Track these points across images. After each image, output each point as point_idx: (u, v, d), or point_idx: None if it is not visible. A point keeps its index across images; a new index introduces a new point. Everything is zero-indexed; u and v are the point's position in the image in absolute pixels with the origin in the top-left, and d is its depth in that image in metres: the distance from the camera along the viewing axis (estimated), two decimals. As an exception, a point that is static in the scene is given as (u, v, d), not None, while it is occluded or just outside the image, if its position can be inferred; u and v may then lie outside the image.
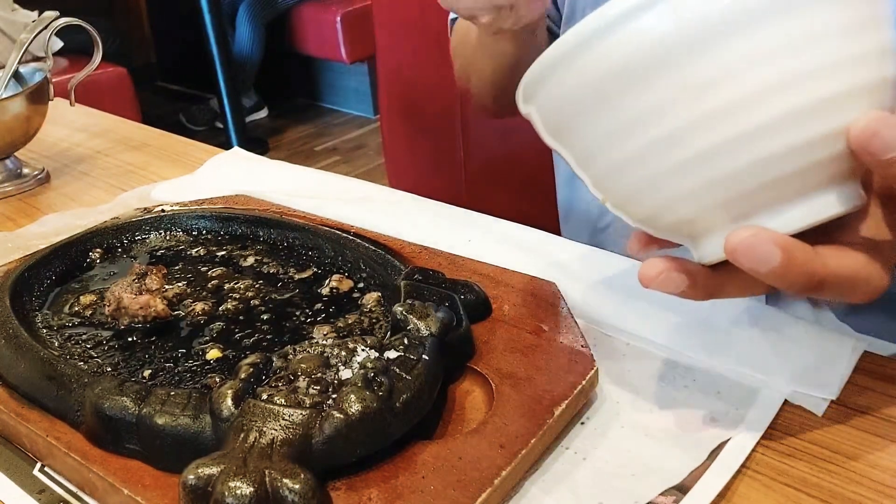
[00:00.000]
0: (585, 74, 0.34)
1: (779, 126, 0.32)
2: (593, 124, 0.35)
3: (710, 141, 0.32)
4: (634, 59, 0.32)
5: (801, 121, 0.32)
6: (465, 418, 0.43)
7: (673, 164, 0.34)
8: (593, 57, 0.33)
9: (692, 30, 0.31)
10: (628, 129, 0.34)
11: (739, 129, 0.32)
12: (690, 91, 0.32)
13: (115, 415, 0.40)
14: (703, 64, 0.31)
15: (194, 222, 0.65)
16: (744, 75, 0.31)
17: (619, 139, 0.34)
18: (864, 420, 0.42)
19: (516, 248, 0.61)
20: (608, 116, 0.34)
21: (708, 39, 0.31)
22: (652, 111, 0.33)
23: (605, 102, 0.34)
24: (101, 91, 2.23)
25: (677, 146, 0.33)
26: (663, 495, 0.38)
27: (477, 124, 1.35)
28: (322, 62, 3.44)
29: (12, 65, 0.84)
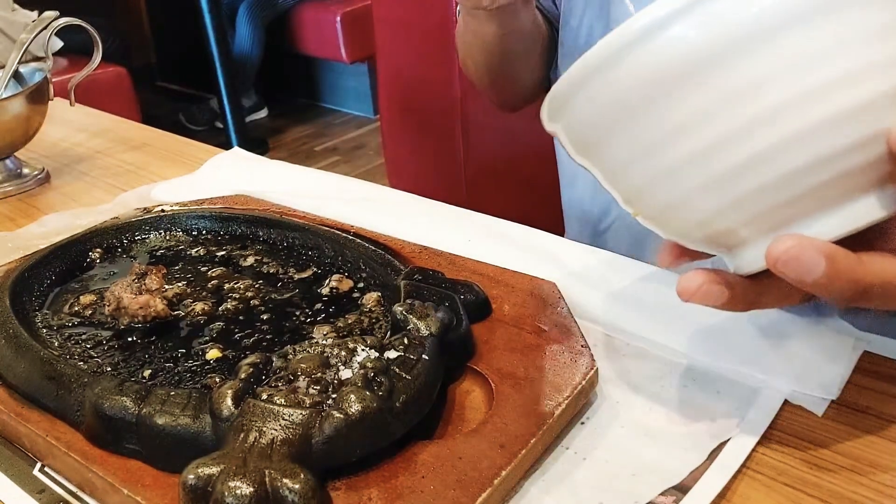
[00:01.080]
0: (614, 88, 0.33)
1: (817, 133, 0.31)
2: (624, 139, 0.34)
3: (748, 152, 0.32)
4: (666, 71, 0.31)
5: (840, 126, 0.31)
6: (465, 418, 0.43)
7: (709, 177, 0.33)
8: (623, 70, 0.32)
9: (725, 39, 0.30)
10: (661, 143, 0.33)
11: (777, 138, 0.31)
12: (725, 101, 0.31)
13: (115, 415, 0.40)
14: (738, 73, 0.31)
15: (194, 222, 0.65)
16: (779, 83, 0.31)
17: (651, 154, 0.34)
18: (864, 420, 0.42)
19: (516, 248, 0.61)
20: (639, 131, 0.33)
21: (741, 48, 0.30)
22: (685, 124, 0.32)
23: (636, 116, 0.33)
24: (101, 91, 2.23)
25: (713, 158, 0.32)
26: (663, 495, 0.38)
27: (477, 124, 1.35)
28: (322, 62, 3.44)
29: (12, 65, 0.84)
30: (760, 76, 0.31)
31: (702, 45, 0.31)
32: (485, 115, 1.32)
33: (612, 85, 0.33)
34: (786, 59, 0.31)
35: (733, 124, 0.31)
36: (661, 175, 0.34)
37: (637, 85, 0.32)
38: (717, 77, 0.31)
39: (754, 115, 0.31)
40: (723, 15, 0.30)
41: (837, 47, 0.31)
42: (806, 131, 0.31)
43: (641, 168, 0.34)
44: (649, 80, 0.32)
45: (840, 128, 0.31)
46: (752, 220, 0.34)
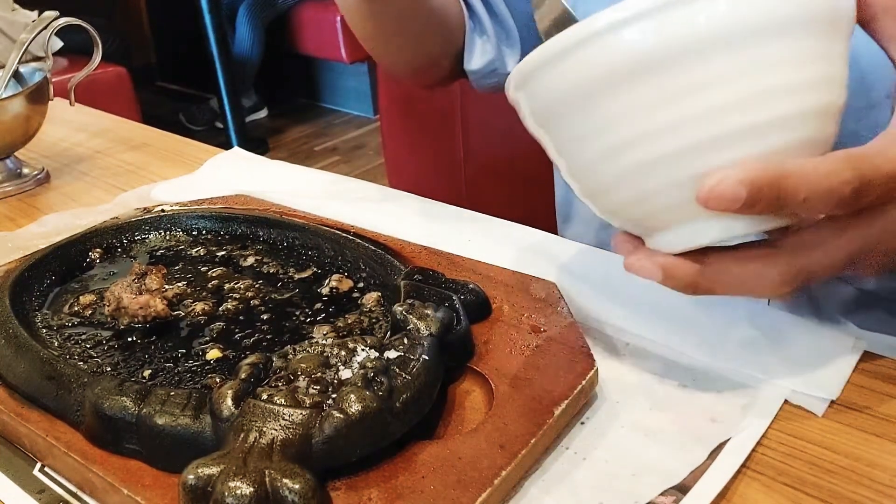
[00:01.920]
0: (572, 74, 0.36)
1: (700, 149, 0.35)
2: (574, 120, 0.37)
3: (659, 152, 0.36)
4: (614, 67, 0.35)
5: (719, 147, 0.35)
6: (465, 418, 0.43)
7: (631, 166, 0.37)
8: (579, 60, 0.35)
9: (666, 48, 0.34)
10: (602, 128, 0.37)
11: (677, 145, 0.35)
12: (645, 106, 0.35)
13: (115, 415, 0.40)
14: (670, 79, 0.34)
15: (194, 222, 0.65)
16: (694, 97, 0.35)
17: (594, 136, 0.37)
18: (864, 420, 0.42)
19: (516, 248, 0.61)
20: (585, 115, 0.37)
21: (679, 58, 0.34)
22: (621, 116, 0.36)
23: (586, 101, 0.36)
24: (101, 91, 2.23)
25: (635, 150, 0.36)
26: (663, 495, 0.38)
27: (477, 124, 1.35)
28: (322, 62, 3.45)
29: (12, 65, 0.84)
30: (684, 87, 0.34)
31: (646, 50, 0.34)
32: (485, 115, 1.32)
33: (569, 70, 0.36)
34: (700, 79, 0.34)
35: (648, 126, 0.36)
36: (597, 158, 0.38)
37: (588, 75, 0.36)
38: (649, 81, 0.35)
39: (665, 122, 0.35)
40: (669, 28, 0.34)
41: (747, 71, 0.34)
42: (694, 146, 0.35)
43: (584, 149, 0.38)
44: (599, 73, 0.35)
45: (719, 148, 0.35)
46: (655, 214, 0.39)
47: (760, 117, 0.35)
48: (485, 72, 0.75)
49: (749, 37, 0.34)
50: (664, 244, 0.40)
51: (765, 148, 0.36)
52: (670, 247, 0.40)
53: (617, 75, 0.35)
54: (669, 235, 0.39)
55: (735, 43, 0.34)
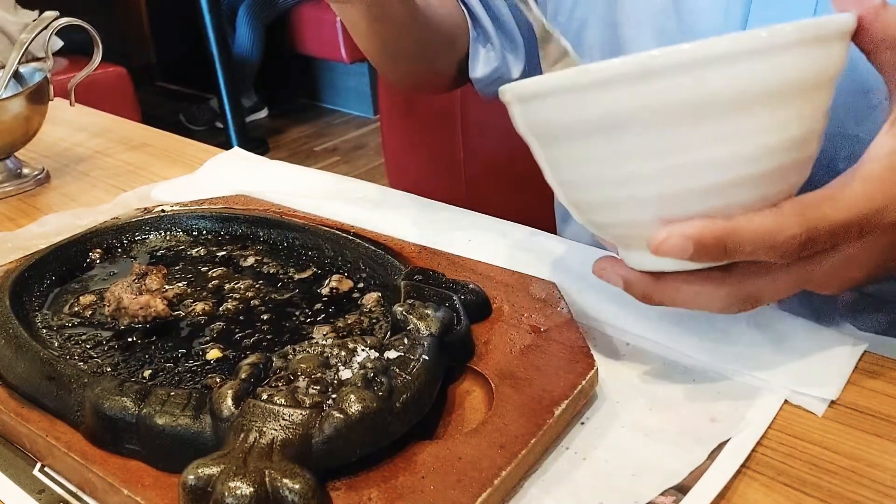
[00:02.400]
0: (570, 110, 0.38)
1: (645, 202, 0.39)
2: (564, 145, 0.40)
3: (632, 194, 0.39)
4: (606, 116, 0.37)
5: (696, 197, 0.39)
6: (465, 418, 0.43)
7: (606, 198, 0.40)
8: (580, 100, 0.37)
9: (654, 110, 0.36)
10: (585, 160, 0.40)
11: (648, 193, 0.39)
12: (629, 154, 0.38)
13: (115, 415, 0.40)
14: (651, 136, 0.37)
15: (194, 222, 0.65)
16: (667, 155, 0.37)
17: (579, 163, 0.40)
18: (864, 420, 0.42)
19: (516, 248, 0.61)
20: (577, 145, 0.39)
21: (662, 120, 0.36)
22: (603, 156, 0.39)
23: (579, 135, 0.39)
24: (101, 91, 2.23)
25: (611, 187, 0.40)
26: (663, 495, 0.38)
27: (477, 124, 1.35)
28: (322, 62, 3.44)
29: (12, 65, 0.84)
30: (653, 147, 0.37)
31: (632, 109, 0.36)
32: (485, 115, 1.32)
33: (570, 106, 0.38)
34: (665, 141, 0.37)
35: (624, 171, 0.39)
36: (578, 181, 0.42)
37: (586, 115, 0.38)
38: (633, 136, 0.37)
39: (640, 172, 0.38)
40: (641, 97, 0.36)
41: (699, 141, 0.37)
42: (660, 196, 0.39)
43: (569, 169, 0.41)
44: (591, 116, 0.38)
45: (683, 201, 0.39)
46: (629, 237, 0.42)
47: (726, 178, 0.37)
48: (489, 80, 0.76)
49: (723, 109, 0.36)
50: (629, 260, 0.44)
51: (728, 202, 0.38)
52: (634, 264, 0.43)
53: (607, 123, 0.37)
54: (634, 256, 0.43)
55: (708, 114, 0.36)
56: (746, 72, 0.35)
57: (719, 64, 0.35)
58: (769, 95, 0.36)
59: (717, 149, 0.37)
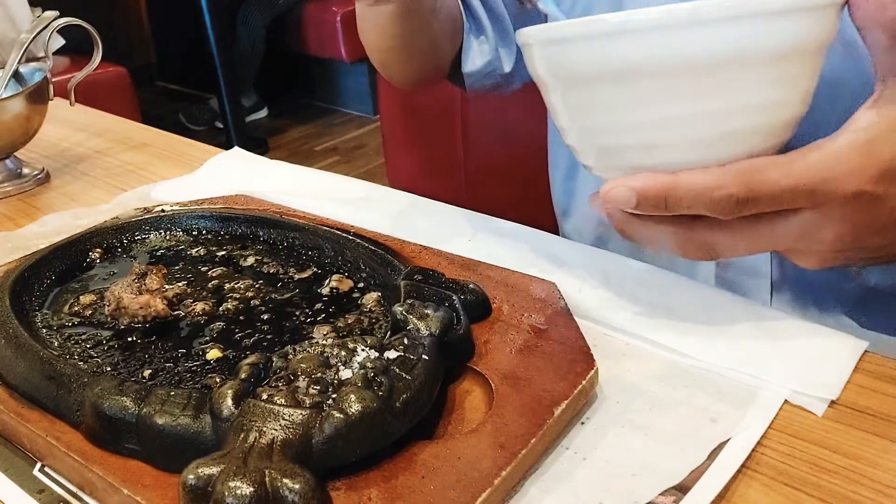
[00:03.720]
0: (595, 55, 0.41)
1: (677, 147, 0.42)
2: (583, 90, 0.43)
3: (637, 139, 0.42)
4: (628, 64, 0.40)
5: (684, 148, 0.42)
6: (465, 418, 0.43)
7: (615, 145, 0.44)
8: (603, 47, 0.40)
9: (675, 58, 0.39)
10: (599, 106, 0.43)
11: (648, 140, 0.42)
12: (641, 101, 0.41)
13: (115, 415, 0.40)
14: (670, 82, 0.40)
15: (194, 222, 0.65)
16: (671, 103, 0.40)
17: (608, 108, 0.43)
18: (864, 420, 0.42)
19: (516, 248, 0.61)
20: (591, 90, 0.42)
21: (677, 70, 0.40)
22: (617, 103, 0.42)
23: (595, 81, 0.42)
24: (101, 91, 2.23)
25: (615, 135, 0.43)
26: (663, 495, 0.38)
27: (477, 124, 1.35)
28: (322, 62, 3.44)
29: (12, 65, 0.84)
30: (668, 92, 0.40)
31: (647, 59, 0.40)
32: (485, 115, 1.32)
33: (594, 52, 0.41)
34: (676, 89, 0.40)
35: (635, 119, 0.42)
36: (613, 128, 0.44)
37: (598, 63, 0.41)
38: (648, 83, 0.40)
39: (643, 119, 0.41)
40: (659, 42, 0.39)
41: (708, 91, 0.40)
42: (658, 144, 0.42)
43: (584, 110, 0.44)
44: (609, 64, 0.41)
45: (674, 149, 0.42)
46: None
47: (721, 128, 0.41)
48: (483, 73, 0.75)
49: (718, 65, 0.39)
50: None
51: (718, 154, 0.41)
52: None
53: (652, 67, 0.40)
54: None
55: (706, 69, 0.39)
56: (752, 31, 0.38)
57: (729, 22, 0.38)
58: (771, 53, 0.39)
59: (717, 99, 0.40)
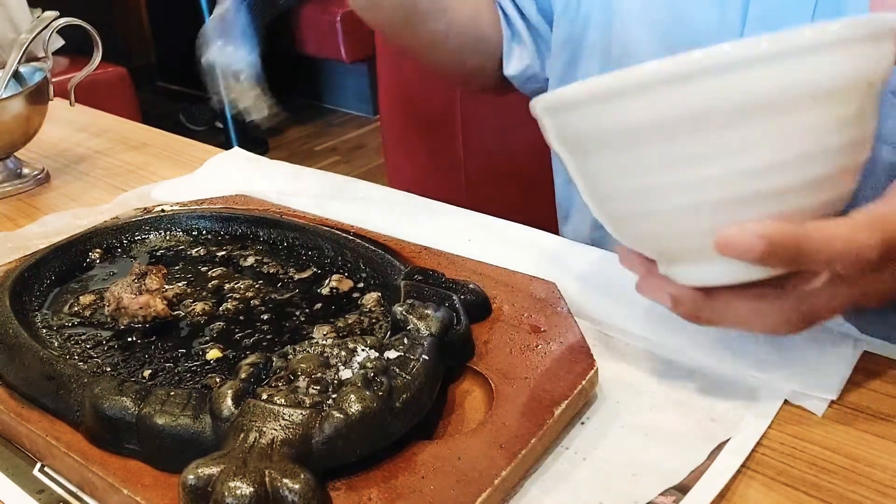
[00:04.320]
0: (613, 116, 0.36)
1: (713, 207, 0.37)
2: (606, 155, 0.38)
3: (689, 201, 0.37)
4: (659, 120, 0.35)
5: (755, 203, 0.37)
6: (465, 418, 0.43)
7: (657, 208, 0.38)
8: (624, 106, 0.36)
9: (708, 109, 0.34)
10: (634, 170, 0.37)
11: (707, 198, 0.37)
12: (686, 159, 0.36)
13: (115, 415, 0.40)
14: (706, 139, 0.35)
15: (194, 222, 0.65)
16: (726, 158, 0.35)
17: (624, 174, 0.38)
18: (864, 420, 0.42)
19: (516, 248, 0.61)
20: (621, 154, 0.37)
21: (718, 121, 0.35)
22: (656, 163, 0.37)
23: (623, 143, 0.37)
24: (101, 91, 2.23)
25: (664, 196, 0.37)
26: (663, 495, 0.38)
27: (477, 124, 1.35)
28: (322, 62, 3.44)
29: (12, 65, 0.84)
30: (710, 150, 0.35)
31: (690, 110, 0.35)
32: (485, 115, 1.32)
33: (613, 113, 0.36)
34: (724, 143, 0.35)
35: (680, 178, 0.36)
36: (622, 194, 0.39)
37: (632, 121, 0.36)
38: (688, 138, 0.35)
39: (697, 177, 0.36)
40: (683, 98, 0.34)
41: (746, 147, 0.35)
42: (720, 202, 0.36)
43: (611, 182, 0.39)
44: (641, 121, 0.36)
45: (743, 207, 0.37)
46: (679, 249, 0.40)
47: (783, 183, 0.36)
48: (523, 77, 0.78)
49: (778, 108, 0.34)
50: (675, 274, 0.41)
51: (785, 207, 0.36)
52: (680, 279, 0.41)
53: (661, 128, 0.35)
54: (681, 269, 0.41)
55: (764, 113, 0.34)
56: (810, 69, 0.34)
57: (783, 61, 0.33)
58: (834, 92, 0.35)
59: (772, 150, 0.35)
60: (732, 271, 0.39)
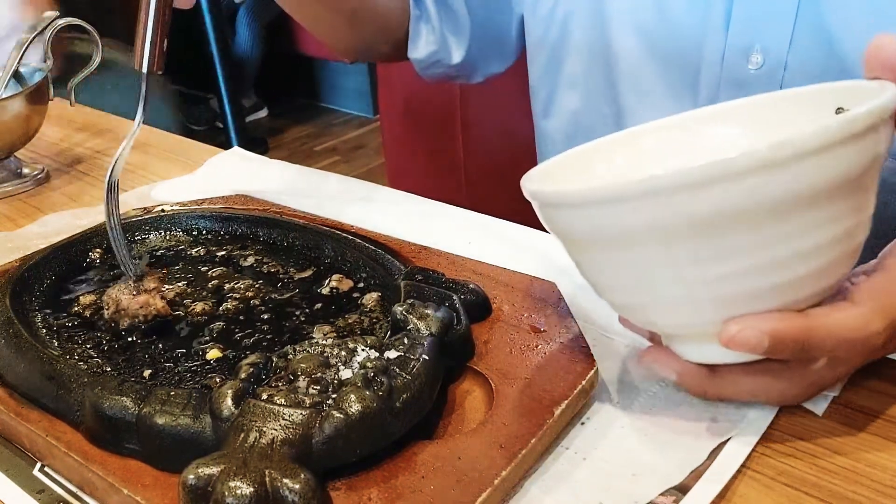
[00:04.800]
0: (604, 221, 0.36)
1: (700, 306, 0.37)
2: (603, 253, 0.38)
3: (690, 296, 0.37)
4: (658, 224, 0.35)
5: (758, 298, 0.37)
6: (465, 418, 0.43)
7: (658, 300, 0.38)
8: (622, 209, 0.35)
9: (695, 218, 0.34)
10: (631, 267, 0.37)
11: (707, 295, 0.37)
12: (685, 260, 0.36)
13: (115, 415, 0.40)
14: (705, 243, 0.35)
15: (194, 222, 0.65)
16: (726, 259, 0.35)
17: (620, 269, 0.38)
18: (864, 420, 0.42)
19: (516, 248, 0.61)
20: (619, 253, 0.37)
21: (712, 229, 0.34)
22: (653, 263, 0.36)
23: (621, 244, 0.37)
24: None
25: (663, 291, 0.37)
26: (663, 495, 0.38)
27: (477, 124, 1.35)
28: (322, 62, 3.44)
29: (12, 65, 0.84)
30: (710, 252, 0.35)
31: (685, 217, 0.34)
32: (485, 115, 1.32)
33: (610, 215, 0.36)
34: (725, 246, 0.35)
35: (680, 276, 0.36)
36: (620, 286, 0.40)
37: (631, 224, 0.35)
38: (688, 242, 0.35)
39: (698, 276, 0.36)
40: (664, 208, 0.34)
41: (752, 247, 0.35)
42: (721, 298, 0.37)
43: (608, 273, 0.40)
44: (639, 224, 0.35)
45: (746, 302, 0.37)
46: (681, 332, 0.41)
47: (785, 277, 0.36)
48: (428, 62, 0.76)
49: (780, 211, 0.34)
50: (679, 351, 0.42)
51: (788, 299, 0.37)
52: (685, 355, 0.42)
53: (659, 232, 0.35)
54: (685, 347, 0.41)
55: (767, 216, 0.34)
56: (801, 173, 0.33)
57: (771, 170, 0.33)
58: (829, 190, 0.34)
59: (772, 250, 0.35)
60: (737, 355, 0.39)
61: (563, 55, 0.70)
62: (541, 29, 0.71)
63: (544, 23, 0.70)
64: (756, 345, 0.36)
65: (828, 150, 0.33)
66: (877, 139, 0.35)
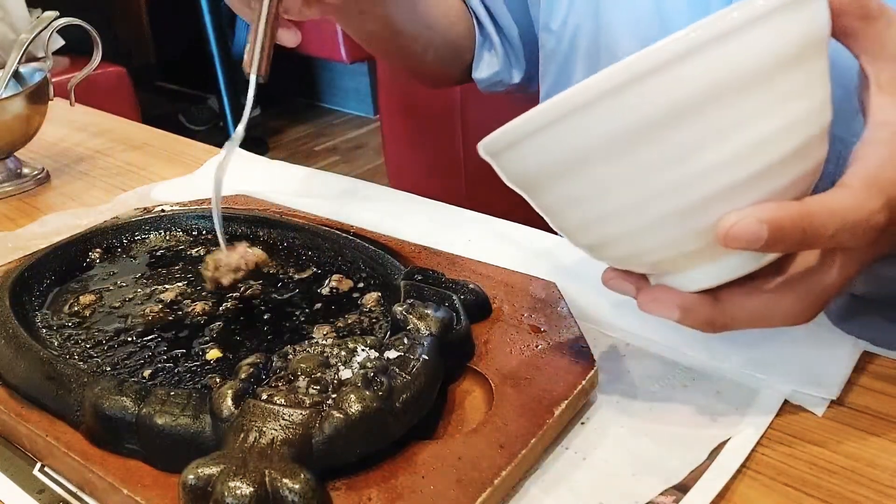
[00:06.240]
0: (559, 144, 0.35)
1: (710, 202, 0.35)
2: (563, 186, 0.36)
3: (667, 209, 0.35)
4: (613, 134, 0.33)
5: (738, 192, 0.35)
6: (465, 418, 0.43)
7: (634, 226, 0.36)
8: (568, 129, 0.34)
9: (660, 112, 0.33)
10: (599, 193, 0.36)
11: (685, 201, 0.35)
12: (651, 167, 0.34)
13: (115, 415, 0.40)
14: (657, 146, 0.33)
15: (194, 222, 0.65)
16: (687, 158, 0.34)
17: (589, 201, 0.36)
18: (864, 420, 0.42)
19: (516, 248, 0.61)
20: (579, 181, 0.36)
21: (657, 129, 0.33)
22: (620, 180, 0.35)
23: (579, 169, 0.35)
24: (101, 91, 2.22)
25: (638, 211, 0.36)
26: (663, 495, 0.38)
27: (477, 124, 1.35)
28: (322, 62, 3.44)
29: (12, 65, 0.84)
30: (675, 150, 0.34)
31: (643, 117, 0.33)
32: (485, 115, 1.32)
33: (548, 143, 0.35)
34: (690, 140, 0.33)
35: (650, 188, 0.35)
36: (593, 221, 0.37)
37: (571, 147, 0.34)
38: (639, 148, 0.33)
39: (668, 182, 0.34)
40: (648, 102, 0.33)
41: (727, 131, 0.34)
42: (701, 201, 0.35)
43: (578, 212, 0.38)
44: (592, 142, 0.34)
45: (727, 198, 0.35)
46: (670, 259, 0.38)
47: (758, 166, 0.34)
48: (490, 82, 0.81)
49: (726, 94, 0.33)
50: (676, 285, 0.39)
51: (769, 189, 0.35)
52: (682, 287, 0.39)
53: (610, 144, 0.33)
54: (680, 277, 0.39)
55: (716, 101, 0.33)
56: (748, 47, 0.32)
57: (718, 47, 0.32)
58: (776, 64, 0.33)
59: (736, 136, 0.33)
60: (736, 266, 0.37)
61: (573, 66, 0.71)
62: (552, 42, 0.72)
63: (555, 36, 0.71)
64: (754, 236, 0.34)
65: (766, 18, 0.32)
66: (814, 8, 0.35)
